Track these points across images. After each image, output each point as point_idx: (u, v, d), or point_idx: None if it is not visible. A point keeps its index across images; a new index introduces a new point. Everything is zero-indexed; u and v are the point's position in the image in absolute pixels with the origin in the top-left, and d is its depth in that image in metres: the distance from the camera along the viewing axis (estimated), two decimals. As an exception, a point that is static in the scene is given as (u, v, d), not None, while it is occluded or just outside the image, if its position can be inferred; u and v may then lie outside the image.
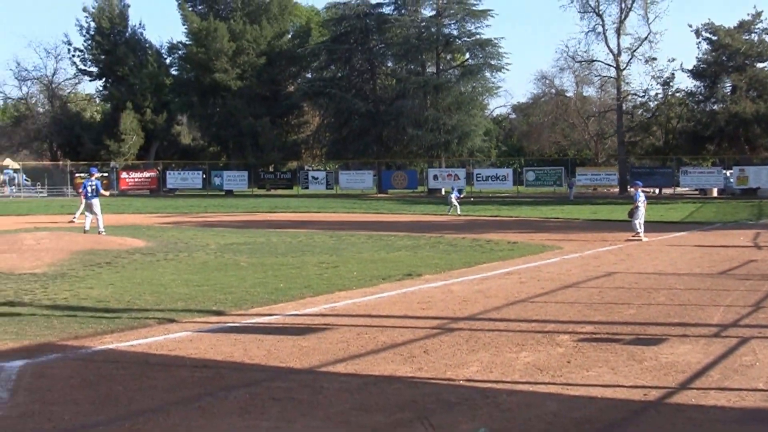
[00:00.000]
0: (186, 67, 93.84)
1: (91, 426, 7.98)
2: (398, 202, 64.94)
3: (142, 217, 45.77)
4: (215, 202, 64.26)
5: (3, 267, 20.69)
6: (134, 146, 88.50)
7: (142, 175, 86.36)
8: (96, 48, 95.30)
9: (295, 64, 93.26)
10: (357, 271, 19.64)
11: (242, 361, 10.51)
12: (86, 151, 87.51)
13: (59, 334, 12.15)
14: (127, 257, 22.98)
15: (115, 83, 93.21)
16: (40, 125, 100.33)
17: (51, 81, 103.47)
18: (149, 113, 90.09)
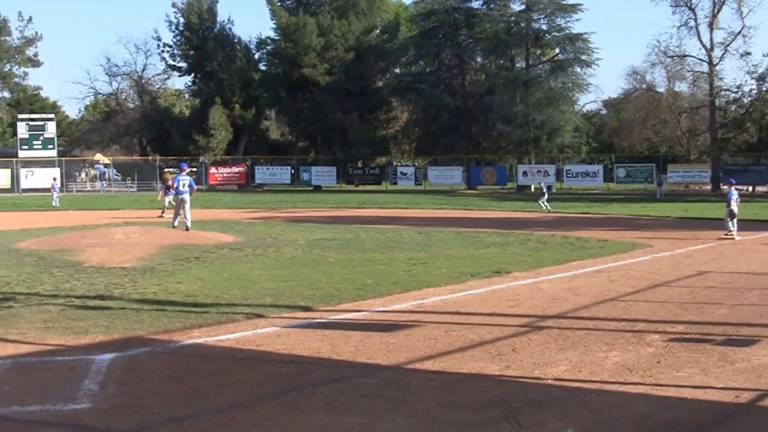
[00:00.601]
0: (274, 62, 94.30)
1: (179, 419, 8.04)
2: (487, 199, 64.64)
3: (230, 212, 46.18)
4: (304, 198, 64.64)
5: (94, 261, 21.02)
6: (223, 141, 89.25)
7: (231, 171, 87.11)
8: (185, 43, 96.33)
9: (383, 59, 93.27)
10: (445, 268, 19.56)
11: (329, 357, 10.53)
12: (175, 146, 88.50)
13: (148, 328, 12.29)
14: (215, 252, 23.18)
15: (204, 78, 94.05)
16: (130, 120, 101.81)
17: (141, 76, 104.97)
18: (238, 108, 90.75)
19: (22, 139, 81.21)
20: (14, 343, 11.44)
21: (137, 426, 7.86)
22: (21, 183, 77.10)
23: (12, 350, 11.03)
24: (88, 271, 19.30)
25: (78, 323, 12.74)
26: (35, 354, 10.88)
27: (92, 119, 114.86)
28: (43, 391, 9.03)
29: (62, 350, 11.05)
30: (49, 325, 12.60)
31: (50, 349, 11.14)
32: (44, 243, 25.61)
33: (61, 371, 9.93)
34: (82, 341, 11.51)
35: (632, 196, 68.44)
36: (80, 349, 11.09)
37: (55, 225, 35.76)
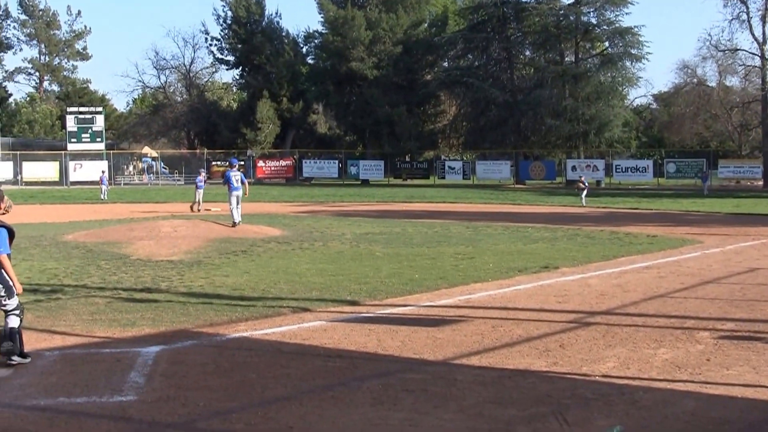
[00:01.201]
0: (322, 55, 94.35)
1: (225, 412, 8.03)
2: (536, 193, 64.35)
3: (278, 206, 46.33)
4: (351, 192, 64.66)
5: (141, 254, 21.15)
6: (270, 135, 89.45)
7: (279, 164, 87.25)
8: (233, 37, 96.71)
9: (431, 52, 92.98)
10: (493, 263, 19.46)
11: (376, 352, 10.48)
12: (223, 140, 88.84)
13: (195, 321, 12.33)
14: (262, 246, 23.22)
15: (252, 72, 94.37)
16: (178, 114, 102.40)
17: (188, 70, 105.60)
18: (285, 102, 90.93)
19: (71, 132, 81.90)
20: (62, 334, 11.51)
21: (183, 419, 7.86)
22: (69, 176, 77.70)
23: (59, 342, 11.10)
24: (136, 263, 19.42)
25: (125, 316, 12.81)
26: (82, 346, 10.93)
27: (140, 112, 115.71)
28: (90, 383, 9.06)
29: (109, 342, 11.10)
30: (96, 318, 12.67)
31: (97, 341, 11.19)
32: (92, 235, 25.79)
33: (107, 363, 9.96)
34: (129, 334, 11.56)
35: (682, 191, 67.77)
36: (127, 341, 11.13)
37: (102, 218, 36.08)
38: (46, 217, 36.61)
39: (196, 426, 7.68)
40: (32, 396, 8.64)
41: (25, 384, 9.09)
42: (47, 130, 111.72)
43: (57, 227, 29.88)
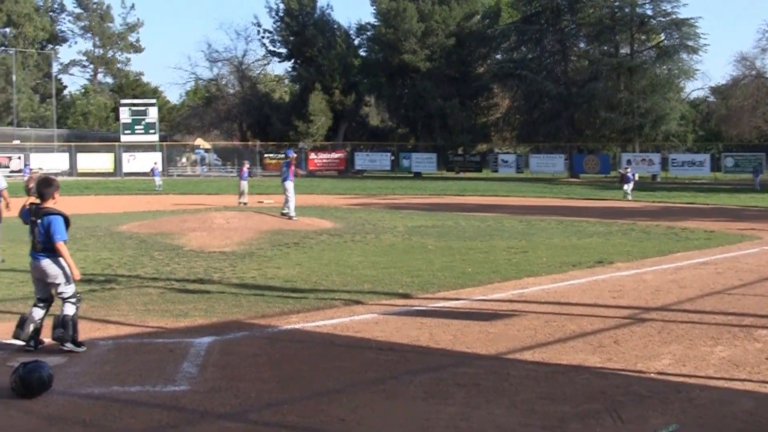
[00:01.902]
0: (374, 47, 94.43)
1: (277, 404, 8.02)
2: (590, 187, 63.90)
3: (330, 198, 46.42)
4: (403, 184, 64.64)
5: (194, 245, 21.28)
6: (323, 127, 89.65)
7: (331, 156, 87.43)
8: (285, 29, 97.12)
9: (484, 45, 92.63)
10: (546, 257, 19.33)
11: (428, 345, 10.43)
12: (275, 132, 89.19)
13: (247, 313, 12.35)
14: (314, 238, 23.25)
15: (304, 64, 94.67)
16: (230, 106, 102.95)
17: (241, 62, 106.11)
18: (338, 94, 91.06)
19: (125, 124, 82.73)
20: (115, 324, 11.58)
21: (235, 409, 7.86)
22: (123, 167, 78.38)
23: (113, 331, 11.16)
24: (188, 254, 19.54)
25: (177, 306, 12.87)
26: (135, 336, 10.99)
27: (193, 104, 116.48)
28: (143, 373, 9.10)
29: (162, 332, 11.14)
30: (150, 308, 12.74)
31: (150, 331, 11.24)
32: (145, 226, 25.99)
33: (160, 353, 10.00)
34: (182, 324, 11.61)
35: (740, 186, 66.99)
36: (179, 331, 11.18)
37: (156, 209, 36.33)
38: (100, 208, 36.95)
39: (247, 417, 7.67)
40: (86, 384, 8.69)
41: (80, 372, 9.15)
42: (101, 121, 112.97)
43: (111, 218, 30.13)
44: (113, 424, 7.46)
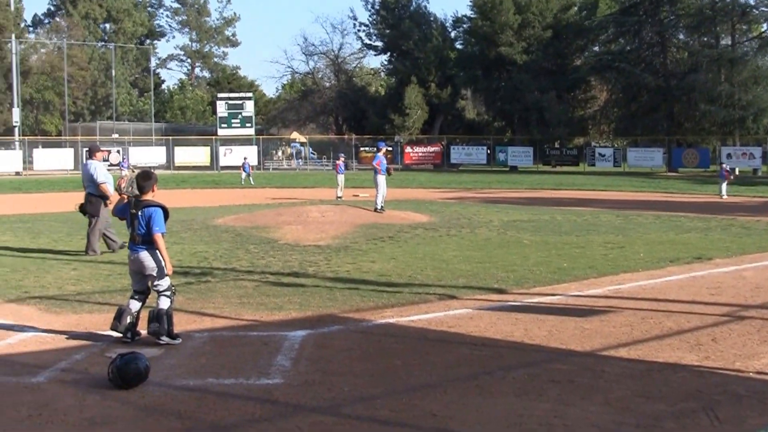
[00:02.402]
0: (470, 40, 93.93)
1: (369, 398, 8.05)
2: (689, 182, 62.77)
3: (425, 192, 46.40)
4: (499, 178, 64.32)
5: (289, 238, 21.43)
6: (418, 120, 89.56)
7: (426, 150, 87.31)
8: (381, 22, 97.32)
9: (581, 37, 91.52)
10: (643, 253, 19.06)
11: (522, 341, 10.37)
12: (371, 125, 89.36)
13: (341, 306, 12.39)
14: (409, 232, 23.26)
15: (400, 57, 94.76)
16: (326, 99, 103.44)
17: (337, 56, 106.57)
18: (434, 87, 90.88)
19: (221, 118, 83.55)
20: (211, 317, 11.72)
21: (328, 403, 7.90)
22: (220, 160, 79.17)
23: (209, 324, 11.30)
24: (283, 248, 19.68)
25: (272, 299, 12.97)
26: (230, 328, 11.12)
27: (289, 98, 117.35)
28: (238, 365, 9.19)
29: (256, 326, 11.24)
30: (245, 301, 12.87)
31: (245, 324, 11.35)
32: (241, 220, 26.25)
33: (255, 346, 10.10)
34: (276, 317, 11.70)
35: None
36: (274, 325, 11.26)
37: (251, 202, 36.67)
38: (196, 202, 37.43)
39: (340, 411, 7.70)
40: (182, 376, 8.81)
41: (176, 364, 9.28)
42: (198, 115, 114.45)
43: (207, 211, 30.51)
44: (207, 416, 7.55)
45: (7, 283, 14.72)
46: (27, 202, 38.84)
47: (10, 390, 8.37)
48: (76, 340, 10.46)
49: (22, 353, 9.86)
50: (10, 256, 18.58)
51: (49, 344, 10.29)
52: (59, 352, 9.86)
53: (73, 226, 25.23)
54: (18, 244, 20.80)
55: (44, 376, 8.86)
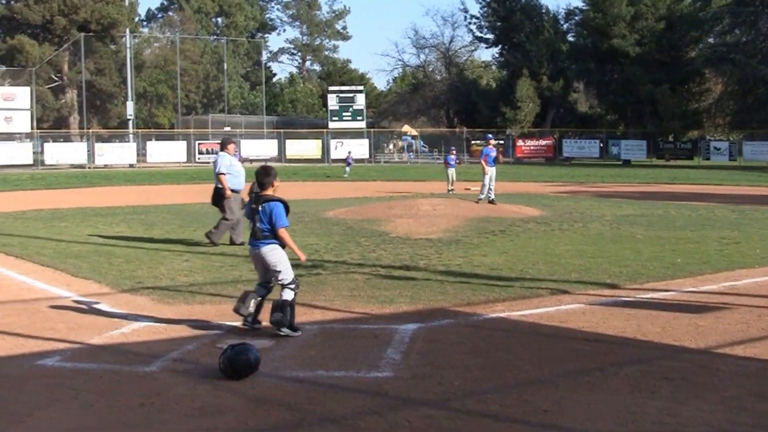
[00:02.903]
0: (582, 32, 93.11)
1: (480, 393, 8.03)
2: (806, 176, 61.35)
3: (537, 186, 46.05)
4: (612, 172, 63.49)
5: (400, 231, 21.46)
6: (530, 114, 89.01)
7: (538, 143, 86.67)
8: (492, 15, 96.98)
9: (695, 28, 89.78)
10: (760, 249, 18.63)
11: (635, 337, 10.24)
12: (482, 119, 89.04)
13: (452, 300, 12.38)
14: (521, 225, 23.12)
15: (511, 50, 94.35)
16: (437, 92, 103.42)
17: (448, 49, 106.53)
18: (545, 80, 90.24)
19: (333, 111, 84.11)
20: (321, 309, 11.81)
21: (438, 397, 7.90)
22: (331, 153, 79.62)
23: (319, 316, 11.38)
24: (394, 241, 19.72)
25: (383, 292, 13.01)
26: (341, 321, 11.19)
27: (400, 91, 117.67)
28: (348, 358, 9.26)
29: (367, 318, 11.30)
30: (355, 294, 12.94)
31: (355, 316, 11.42)
32: (352, 212, 26.39)
33: (365, 339, 10.15)
34: (387, 310, 11.74)
35: None
36: (384, 318, 11.30)
37: (362, 195, 36.81)
38: (308, 194, 37.69)
39: (450, 405, 7.70)
40: (292, 368, 8.90)
41: (286, 356, 9.38)
42: (309, 108, 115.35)
43: (318, 204, 30.71)
44: (317, 408, 7.61)
45: (122, 274, 15.04)
46: (140, 194, 39.57)
47: (124, 378, 8.56)
48: (187, 331, 10.66)
49: (135, 342, 10.08)
50: (124, 246, 18.99)
51: (161, 334, 10.51)
52: (171, 342, 10.05)
53: (185, 218, 25.72)
54: (132, 235, 21.23)
55: (156, 365, 9.05)
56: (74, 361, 9.30)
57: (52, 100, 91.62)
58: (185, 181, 51.23)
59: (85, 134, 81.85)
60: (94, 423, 7.30)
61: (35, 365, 9.08)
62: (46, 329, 10.74)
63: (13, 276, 15.18)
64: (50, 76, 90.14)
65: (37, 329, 10.73)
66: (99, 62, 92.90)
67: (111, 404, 7.75)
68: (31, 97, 78.41)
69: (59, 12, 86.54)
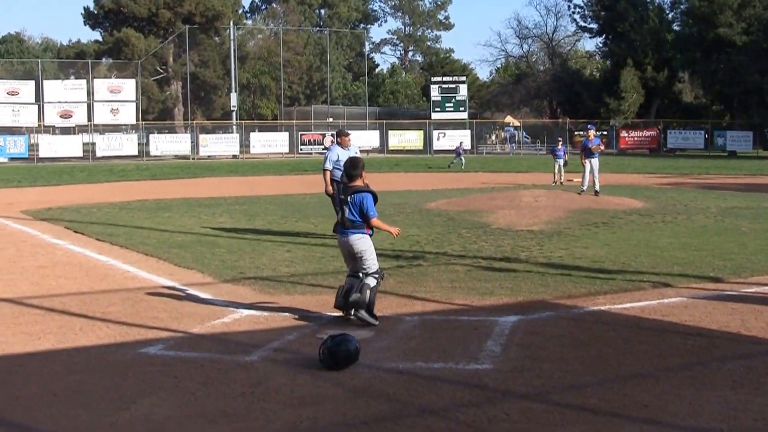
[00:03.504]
0: (688, 21, 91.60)
1: (580, 386, 7.99)
2: None
3: (640, 177, 45.47)
4: (717, 164, 62.39)
5: (501, 223, 21.39)
6: (634, 104, 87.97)
7: (642, 134, 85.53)
8: (596, 4, 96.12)
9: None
10: None
11: (738, 332, 10.06)
12: (585, 109, 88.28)
13: (552, 293, 12.32)
14: (623, 218, 22.87)
15: (615, 40, 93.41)
16: (540, 83, 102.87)
17: (551, 39, 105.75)
18: (650, 70, 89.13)
19: (435, 102, 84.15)
20: (421, 300, 11.84)
21: (537, 390, 7.88)
22: (433, 144, 79.57)
23: (419, 308, 11.41)
24: (496, 232, 19.67)
25: (483, 284, 12.99)
26: (441, 312, 11.20)
27: (503, 81, 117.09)
28: (447, 349, 9.26)
29: (467, 310, 11.29)
30: (456, 285, 12.94)
31: (455, 308, 11.42)
32: (453, 204, 26.38)
33: (465, 331, 10.15)
34: (487, 302, 11.72)
35: None
36: (484, 310, 11.29)
37: (464, 186, 36.75)
38: (409, 185, 37.75)
39: (549, 398, 7.66)
40: (391, 359, 8.94)
41: (386, 347, 9.42)
42: (411, 99, 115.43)
43: (419, 195, 30.74)
44: (416, 399, 7.63)
45: (224, 264, 15.26)
46: (243, 184, 40.03)
47: (225, 367, 8.69)
48: (288, 321, 10.78)
49: (236, 332, 10.23)
50: (227, 237, 19.25)
51: (262, 324, 10.64)
52: (272, 332, 10.17)
53: (287, 209, 25.93)
54: (234, 226, 21.50)
55: (257, 354, 9.17)
56: (176, 349, 9.48)
57: (157, 92, 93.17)
58: (288, 172, 51.70)
59: (189, 125, 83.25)
60: (196, 411, 7.43)
61: (139, 353, 9.29)
62: (149, 318, 10.96)
63: (118, 265, 15.49)
64: (155, 68, 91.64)
65: (140, 318, 10.96)
66: (203, 54, 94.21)
67: (212, 393, 7.88)
68: (137, 90, 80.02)
69: (164, 5, 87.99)
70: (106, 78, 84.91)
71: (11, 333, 10.23)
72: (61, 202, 28.87)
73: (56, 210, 26.20)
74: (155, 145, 73.29)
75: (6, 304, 11.85)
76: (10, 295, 12.49)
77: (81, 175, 49.28)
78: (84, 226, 21.47)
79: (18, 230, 21.51)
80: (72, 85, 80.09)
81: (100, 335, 10.12)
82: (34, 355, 9.31)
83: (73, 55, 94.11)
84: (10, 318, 11.03)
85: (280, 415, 7.26)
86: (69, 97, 76.74)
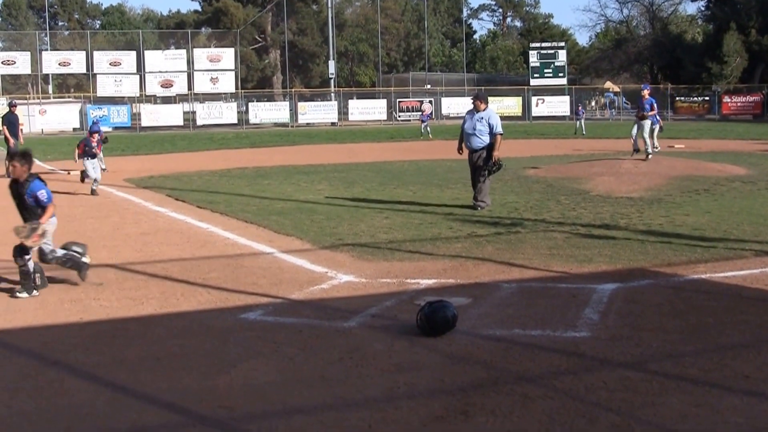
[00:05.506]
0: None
1: (678, 356, 7.89)
2: None
3: (743, 144, 44.51)
4: (824, 129, 60.92)
5: (600, 190, 21.18)
6: (737, 69, 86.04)
7: (745, 100, 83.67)
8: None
9: None
10: None
11: None
12: (686, 74, 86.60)
13: (652, 260, 12.15)
14: (726, 185, 22.45)
15: (718, 3, 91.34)
16: (641, 48, 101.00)
17: (652, 2, 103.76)
18: (754, 33, 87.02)
19: (533, 68, 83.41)
20: (519, 267, 11.80)
21: (635, 359, 7.81)
22: (532, 111, 78.92)
23: (517, 274, 11.38)
24: (595, 199, 19.49)
25: (582, 251, 12.88)
26: (539, 280, 11.16)
27: (602, 47, 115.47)
28: (545, 317, 9.23)
29: (565, 278, 11.22)
30: (554, 252, 12.86)
31: (553, 275, 11.36)
32: (552, 170, 26.19)
33: (562, 298, 10.09)
34: (585, 270, 11.63)
35: None
36: (583, 277, 11.20)
37: (563, 153, 36.45)
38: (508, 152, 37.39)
39: (647, 367, 7.58)
40: (489, 326, 8.93)
41: (483, 314, 9.41)
42: (510, 65, 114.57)
43: (518, 161, 30.52)
44: (513, 366, 7.63)
45: (323, 231, 15.36)
46: (341, 152, 40.15)
47: (324, 333, 8.78)
48: (386, 287, 10.83)
49: (335, 298, 10.31)
50: (326, 204, 19.36)
51: (360, 290, 10.71)
52: (370, 299, 10.23)
53: (386, 176, 26.01)
54: (333, 193, 21.60)
55: (355, 321, 9.24)
56: (276, 315, 9.60)
57: (255, 60, 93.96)
58: (386, 140, 51.77)
59: (287, 94, 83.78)
60: (294, 376, 7.52)
61: (239, 318, 9.43)
62: (248, 284, 11.11)
63: (218, 232, 15.71)
64: (254, 37, 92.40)
65: (240, 284, 11.11)
66: (301, 22, 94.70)
67: (310, 358, 7.97)
68: (236, 59, 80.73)
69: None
70: (206, 47, 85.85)
71: (116, 298, 10.47)
72: (163, 170, 29.37)
73: (158, 178, 26.67)
74: (254, 114, 73.83)
75: (110, 270, 12.11)
76: (114, 261, 12.76)
77: (182, 143, 49.98)
78: (185, 194, 21.81)
79: (121, 198, 21.94)
80: (172, 55, 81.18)
81: (201, 300, 10.30)
82: (138, 320, 9.54)
83: (173, 26, 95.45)
84: (115, 283, 11.28)
85: (377, 381, 7.32)
86: (169, 67, 77.84)
